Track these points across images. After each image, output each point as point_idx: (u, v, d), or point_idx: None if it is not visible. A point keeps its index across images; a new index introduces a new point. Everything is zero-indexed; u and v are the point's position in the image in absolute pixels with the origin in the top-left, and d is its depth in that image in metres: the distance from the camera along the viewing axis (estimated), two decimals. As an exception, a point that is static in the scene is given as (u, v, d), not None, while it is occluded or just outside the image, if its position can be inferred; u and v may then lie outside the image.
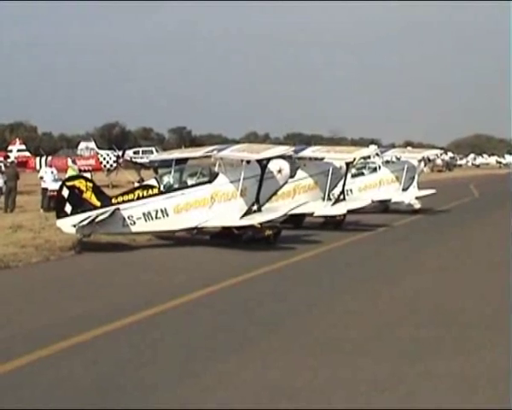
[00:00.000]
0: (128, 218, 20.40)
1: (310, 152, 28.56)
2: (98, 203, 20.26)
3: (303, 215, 25.90)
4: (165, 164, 27.97)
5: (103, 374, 8.80)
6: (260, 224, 20.61)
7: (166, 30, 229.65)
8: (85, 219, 19.79)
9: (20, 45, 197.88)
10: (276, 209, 22.21)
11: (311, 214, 25.78)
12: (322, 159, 28.07)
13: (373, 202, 30.39)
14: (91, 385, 8.40)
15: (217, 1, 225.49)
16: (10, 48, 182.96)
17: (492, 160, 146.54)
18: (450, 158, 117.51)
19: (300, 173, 26.17)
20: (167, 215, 20.79)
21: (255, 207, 20.90)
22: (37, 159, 51.57)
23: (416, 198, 33.55)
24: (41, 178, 32.89)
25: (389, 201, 33.45)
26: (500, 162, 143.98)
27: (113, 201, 20.59)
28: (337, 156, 27.25)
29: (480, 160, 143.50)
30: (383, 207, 33.42)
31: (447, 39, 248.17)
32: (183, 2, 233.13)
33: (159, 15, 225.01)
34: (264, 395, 8.04)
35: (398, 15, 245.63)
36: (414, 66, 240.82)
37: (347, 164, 27.14)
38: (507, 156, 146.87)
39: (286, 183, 23.27)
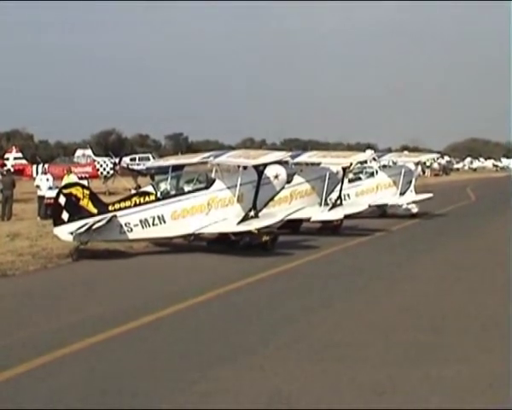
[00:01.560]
0: (125, 225, 20.38)
1: (306, 157, 28.58)
2: (95, 210, 20.24)
3: (300, 221, 25.91)
4: (162, 171, 27.93)
5: (102, 381, 8.79)
6: (257, 230, 20.59)
7: (162, 37, 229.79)
8: (82, 226, 19.75)
9: (16, 52, 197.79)
10: (273, 215, 22.18)
11: (308, 219, 25.79)
12: (318, 164, 28.07)
13: (370, 206, 30.40)
14: (90, 392, 8.39)
15: (214, 3, 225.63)
16: (6, 54, 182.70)
17: (489, 163, 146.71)
18: (447, 162, 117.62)
19: (297, 179, 26.17)
20: (164, 222, 20.78)
21: (252, 213, 20.88)
22: (34, 167, 51.54)
23: (414, 202, 33.57)
24: (37, 186, 32.86)
25: (386, 205, 33.49)
26: (496, 166, 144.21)
27: (110, 208, 20.57)
28: (334, 161, 27.27)
29: (476, 163, 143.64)
30: (381, 211, 33.45)
31: (445, 43, 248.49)
32: (179, 7, 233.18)
33: (154, 21, 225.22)
34: (262, 401, 8.04)
35: (395, 19, 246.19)
36: (410, 70, 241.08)
37: (344, 169, 27.16)
38: (503, 160, 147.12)
39: (283, 188, 23.27)
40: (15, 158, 53.22)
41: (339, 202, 26.76)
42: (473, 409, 7.75)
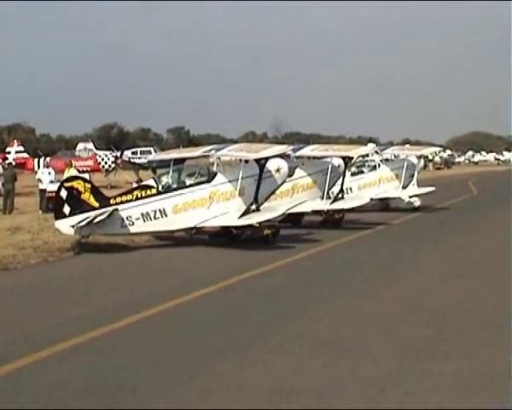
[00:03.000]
0: (126, 218, 20.37)
1: (308, 151, 28.54)
2: (96, 204, 20.23)
3: (301, 214, 25.90)
4: (164, 164, 27.91)
5: (102, 376, 8.78)
6: (259, 223, 20.58)
7: (163, 30, 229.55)
8: (84, 219, 19.76)
9: (18, 46, 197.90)
10: (274, 209, 22.18)
11: (309, 212, 25.84)
12: (320, 158, 28.04)
13: (372, 200, 30.37)
14: (90, 387, 8.38)
15: (215, 1, 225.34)
16: (8, 49, 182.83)
17: (491, 157, 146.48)
18: (449, 155, 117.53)
19: (299, 172, 26.14)
20: (166, 215, 20.77)
21: (254, 207, 20.87)
22: (36, 160, 51.50)
23: (416, 196, 33.55)
24: (39, 180, 32.85)
25: (389, 199, 33.47)
26: (498, 159, 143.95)
27: (112, 201, 20.56)
28: (335, 155, 27.23)
29: (478, 157, 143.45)
30: (383, 205, 33.43)
31: (445, 37, 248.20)
32: (180, 3, 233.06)
33: (155, 15, 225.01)
34: (263, 396, 8.02)
35: (396, 13, 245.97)
36: (411, 63, 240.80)
37: (346, 162, 27.13)
38: (505, 153, 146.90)
39: (284, 182, 23.25)
40: (17, 152, 53.18)
41: (341, 195, 26.75)
42: (473, 409, 7.71)
